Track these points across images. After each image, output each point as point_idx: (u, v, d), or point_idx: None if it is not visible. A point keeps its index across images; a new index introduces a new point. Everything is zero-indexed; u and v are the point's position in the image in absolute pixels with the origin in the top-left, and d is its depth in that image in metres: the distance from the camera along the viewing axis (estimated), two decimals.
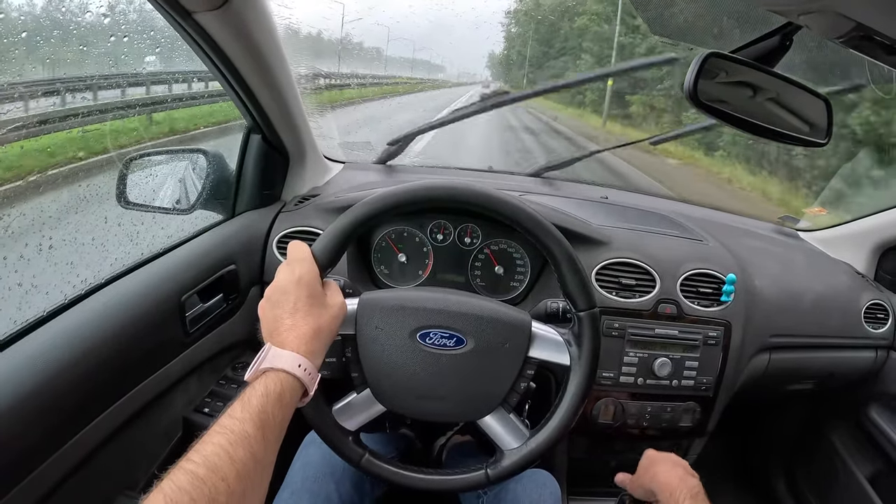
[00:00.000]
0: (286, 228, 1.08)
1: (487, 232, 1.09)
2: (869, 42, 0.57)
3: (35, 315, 0.71)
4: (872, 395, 1.31)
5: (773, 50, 0.74)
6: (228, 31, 0.82)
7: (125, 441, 0.79)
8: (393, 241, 1.10)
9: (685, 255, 1.10)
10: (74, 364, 0.68)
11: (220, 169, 1.10)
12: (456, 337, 0.73)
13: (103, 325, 0.74)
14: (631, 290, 1.05)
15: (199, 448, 0.49)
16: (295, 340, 0.61)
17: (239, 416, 0.52)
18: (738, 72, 0.76)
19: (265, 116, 1.04)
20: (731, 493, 1.58)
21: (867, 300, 1.23)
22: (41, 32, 1.04)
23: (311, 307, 0.64)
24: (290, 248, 0.70)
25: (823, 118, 0.81)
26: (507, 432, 0.76)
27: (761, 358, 1.15)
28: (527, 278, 1.10)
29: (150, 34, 1.05)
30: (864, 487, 1.29)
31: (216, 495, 0.45)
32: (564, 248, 0.72)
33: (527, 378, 0.75)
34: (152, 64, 1.35)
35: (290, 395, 0.58)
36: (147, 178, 1.08)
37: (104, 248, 0.96)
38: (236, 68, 0.89)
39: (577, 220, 1.09)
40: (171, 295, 0.86)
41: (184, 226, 1.05)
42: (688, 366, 1.04)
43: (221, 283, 0.98)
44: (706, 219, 1.38)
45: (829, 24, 0.58)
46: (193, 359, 0.92)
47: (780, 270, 1.21)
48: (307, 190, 1.23)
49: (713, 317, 1.06)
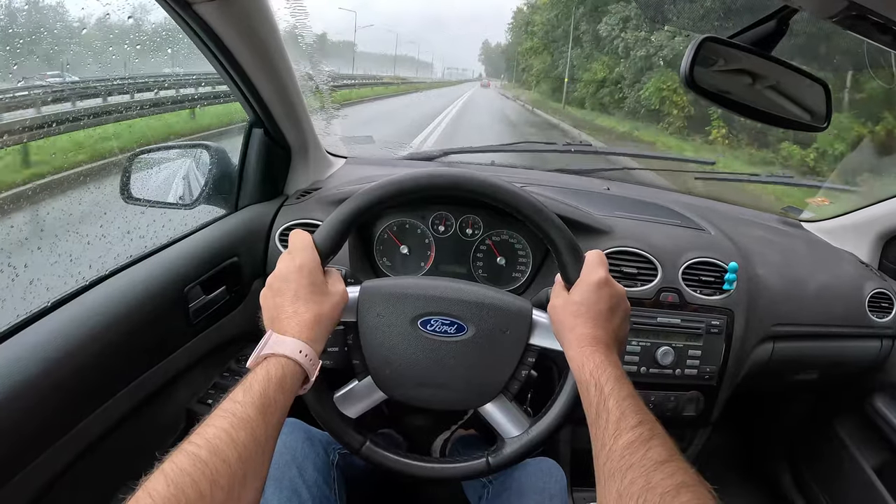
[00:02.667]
0: (288, 221, 1.09)
1: (489, 223, 1.09)
2: (863, 21, 0.57)
3: (39, 305, 0.72)
4: (878, 386, 1.30)
5: (771, 34, 0.73)
6: (229, 22, 0.82)
7: (129, 431, 0.79)
8: (395, 233, 1.10)
9: (687, 244, 1.09)
10: (79, 353, 0.69)
11: (223, 163, 1.11)
12: (457, 324, 0.73)
13: (107, 315, 0.75)
14: (633, 278, 1.05)
15: (201, 431, 0.49)
16: (296, 327, 0.62)
17: (241, 399, 0.53)
18: (736, 59, 0.76)
19: (267, 110, 1.05)
20: (737, 485, 1.57)
21: (871, 289, 1.22)
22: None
23: (312, 294, 0.65)
24: (292, 236, 0.70)
25: (822, 103, 0.80)
26: (508, 420, 0.76)
27: (765, 347, 1.15)
28: (529, 269, 1.10)
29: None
30: (870, 478, 1.28)
31: (217, 477, 0.45)
32: (565, 236, 0.72)
33: (528, 365, 0.75)
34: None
35: (292, 380, 0.58)
36: (151, 174, 1.09)
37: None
38: (237, 60, 0.90)
39: (579, 210, 1.09)
40: (173, 286, 0.87)
41: (187, 220, 1.06)
42: (691, 354, 1.04)
43: (224, 276, 0.99)
44: (709, 209, 1.38)
45: (822, 4, 0.59)
46: (197, 350, 0.93)
47: (782, 259, 1.21)
48: (309, 184, 1.24)
49: (715, 305, 1.06)
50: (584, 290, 0.68)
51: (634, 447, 0.52)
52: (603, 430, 0.55)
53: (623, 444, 0.52)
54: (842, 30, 0.60)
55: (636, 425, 0.54)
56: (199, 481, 0.44)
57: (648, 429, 0.53)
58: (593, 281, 0.67)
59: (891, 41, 0.60)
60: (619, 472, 0.50)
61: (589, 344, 0.64)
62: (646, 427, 0.54)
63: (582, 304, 0.67)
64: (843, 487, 1.37)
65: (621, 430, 0.54)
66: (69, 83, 1.58)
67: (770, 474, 1.57)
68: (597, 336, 0.65)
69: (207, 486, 0.44)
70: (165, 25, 0.93)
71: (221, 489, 0.45)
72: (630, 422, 0.54)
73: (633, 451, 0.51)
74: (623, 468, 0.50)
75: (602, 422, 0.56)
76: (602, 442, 0.55)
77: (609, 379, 0.59)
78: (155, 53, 1.27)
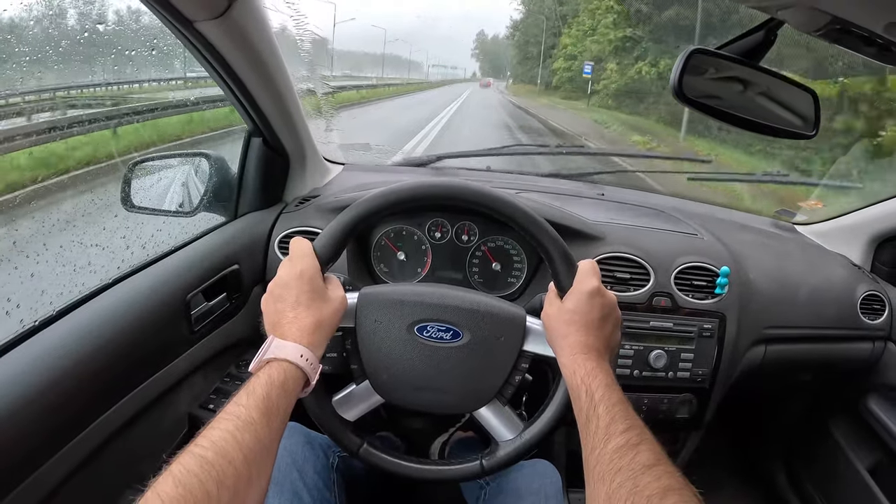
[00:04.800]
0: (287, 229, 1.10)
1: (484, 229, 1.11)
2: (847, 35, 0.59)
3: (44, 314, 0.73)
4: (871, 387, 1.31)
5: (759, 45, 0.75)
6: (229, 38, 0.84)
7: (132, 437, 0.81)
8: (392, 239, 1.12)
9: (679, 249, 1.11)
10: (83, 361, 0.70)
11: (222, 172, 1.12)
12: (452, 330, 0.75)
13: (111, 324, 0.76)
14: (625, 283, 1.07)
15: (207, 433, 0.50)
16: (297, 332, 0.63)
17: (244, 403, 0.54)
18: (726, 68, 0.78)
19: (265, 120, 1.06)
20: (733, 487, 1.59)
21: (863, 291, 1.24)
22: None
23: (312, 300, 0.66)
24: (292, 244, 0.72)
25: (811, 110, 0.82)
26: (502, 424, 0.78)
27: (757, 350, 1.16)
28: (524, 274, 1.11)
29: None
30: (864, 479, 1.30)
31: (224, 478, 0.47)
32: (559, 246, 0.74)
33: (521, 371, 0.77)
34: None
35: (293, 383, 0.60)
36: (151, 182, 1.11)
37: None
38: (237, 74, 0.91)
39: (572, 216, 1.11)
40: (176, 294, 0.88)
41: (188, 228, 1.07)
42: (683, 358, 1.06)
43: (225, 283, 1.00)
44: (701, 214, 1.40)
45: (806, 19, 0.60)
46: (198, 356, 0.95)
47: (774, 263, 1.22)
48: (308, 191, 1.26)
49: (708, 309, 1.08)
50: (576, 299, 0.69)
51: (623, 451, 0.53)
52: (593, 435, 0.57)
53: (612, 448, 0.54)
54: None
55: (625, 430, 0.55)
56: (206, 482, 0.46)
57: (637, 434, 0.55)
58: (586, 290, 0.69)
59: (876, 53, 0.61)
60: (607, 476, 0.52)
61: (581, 351, 0.66)
62: (634, 432, 0.55)
63: (575, 312, 0.68)
64: (838, 488, 1.38)
65: (610, 435, 0.55)
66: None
67: (766, 475, 1.59)
68: (588, 344, 0.66)
69: (214, 486, 0.46)
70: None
71: (228, 490, 0.47)
72: (619, 427, 0.56)
73: (621, 456, 0.53)
74: (612, 472, 0.52)
75: (592, 427, 0.58)
76: (592, 446, 0.56)
77: (599, 385, 0.61)
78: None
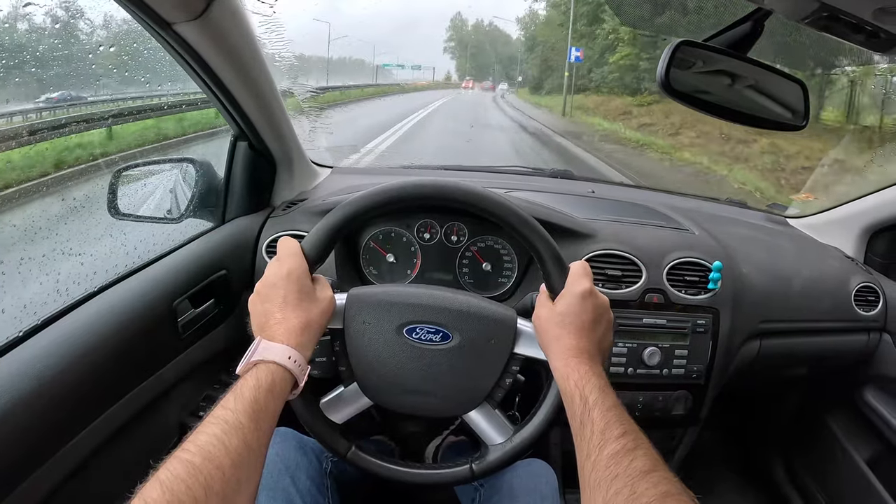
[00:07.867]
0: (275, 233, 1.09)
1: (473, 230, 1.10)
2: (836, 22, 0.58)
3: (30, 323, 0.72)
4: (867, 379, 1.31)
5: (746, 36, 0.74)
6: (208, 40, 0.82)
7: (122, 445, 0.79)
8: (380, 241, 1.10)
9: (671, 245, 1.10)
10: (70, 370, 0.69)
11: (209, 177, 1.11)
12: (442, 332, 0.73)
13: (97, 332, 0.75)
14: (617, 281, 1.06)
15: (194, 438, 0.49)
16: (285, 333, 0.62)
17: (232, 406, 0.53)
18: (713, 61, 0.77)
19: (250, 124, 1.05)
20: (731, 482, 1.58)
21: (857, 283, 1.23)
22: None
23: (300, 301, 0.65)
24: (280, 243, 0.70)
25: (800, 102, 0.81)
26: (492, 427, 0.77)
27: (752, 344, 1.15)
28: (514, 274, 1.10)
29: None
30: (863, 471, 1.30)
31: (211, 483, 0.46)
32: (550, 247, 0.73)
33: (512, 374, 0.75)
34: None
35: (281, 386, 0.59)
36: (137, 189, 1.09)
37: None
38: (218, 77, 0.90)
39: (562, 215, 1.10)
40: (162, 300, 0.87)
41: (174, 234, 1.06)
42: (677, 354, 1.05)
43: (213, 289, 0.99)
44: (693, 209, 1.39)
45: (794, 6, 0.59)
46: (187, 364, 0.93)
47: (767, 257, 1.22)
48: (295, 195, 1.24)
49: (701, 304, 1.07)
50: (568, 301, 0.68)
51: (619, 457, 0.52)
52: (588, 441, 0.56)
53: (608, 454, 0.53)
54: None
55: (620, 435, 0.54)
56: (194, 487, 0.45)
57: (633, 439, 0.54)
58: (577, 292, 0.68)
59: (864, 40, 0.61)
60: (604, 482, 0.51)
61: (573, 355, 0.64)
62: (630, 437, 0.54)
63: (566, 314, 0.67)
64: (837, 480, 1.38)
65: (606, 441, 0.54)
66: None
67: (764, 469, 1.58)
68: (581, 347, 0.65)
69: (202, 491, 0.45)
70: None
71: (216, 495, 0.46)
72: (614, 432, 0.55)
73: (617, 461, 0.52)
74: (608, 478, 0.51)
75: (587, 432, 0.56)
76: (587, 452, 0.55)
77: (593, 390, 0.60)
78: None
